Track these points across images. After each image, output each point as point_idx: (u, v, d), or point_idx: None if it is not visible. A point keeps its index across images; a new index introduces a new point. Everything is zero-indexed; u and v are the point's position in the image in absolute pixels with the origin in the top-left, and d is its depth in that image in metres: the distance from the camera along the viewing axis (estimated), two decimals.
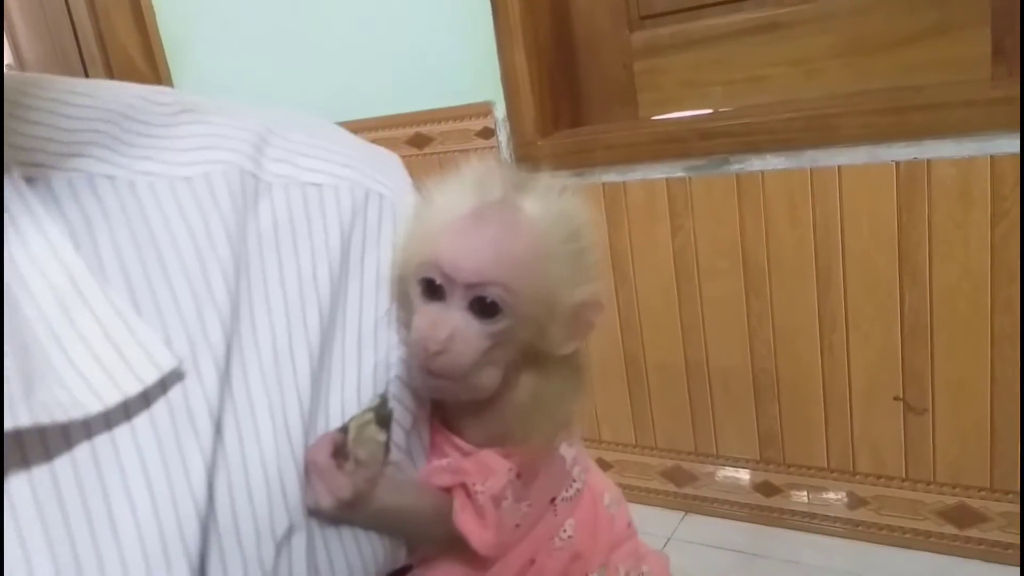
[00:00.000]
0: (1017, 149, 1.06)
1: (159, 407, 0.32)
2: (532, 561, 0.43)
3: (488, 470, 0.40)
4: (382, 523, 0.39)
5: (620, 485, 1.52)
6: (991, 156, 1.07)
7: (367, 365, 0.39)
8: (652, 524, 1.41)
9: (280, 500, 0.35)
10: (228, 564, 0.33)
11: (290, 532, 0.35)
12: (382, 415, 0.39)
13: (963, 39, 1.18)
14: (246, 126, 0.40)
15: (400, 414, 0.40)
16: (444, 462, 0.41)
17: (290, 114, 0.44)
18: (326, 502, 0.35)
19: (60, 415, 0.29)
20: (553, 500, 0.44)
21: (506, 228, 0.38)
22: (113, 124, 0.37)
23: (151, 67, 1.73)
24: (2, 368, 0.29)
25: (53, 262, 0.32)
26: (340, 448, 0.36)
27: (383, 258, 0.41)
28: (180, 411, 0.33)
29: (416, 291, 0.39)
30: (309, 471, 0.36)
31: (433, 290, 0.38)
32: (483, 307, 0.37)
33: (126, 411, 0.32)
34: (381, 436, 0.38)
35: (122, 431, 0.32)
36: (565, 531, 0.44)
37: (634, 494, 1.47)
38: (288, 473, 0.35)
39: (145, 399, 0.32)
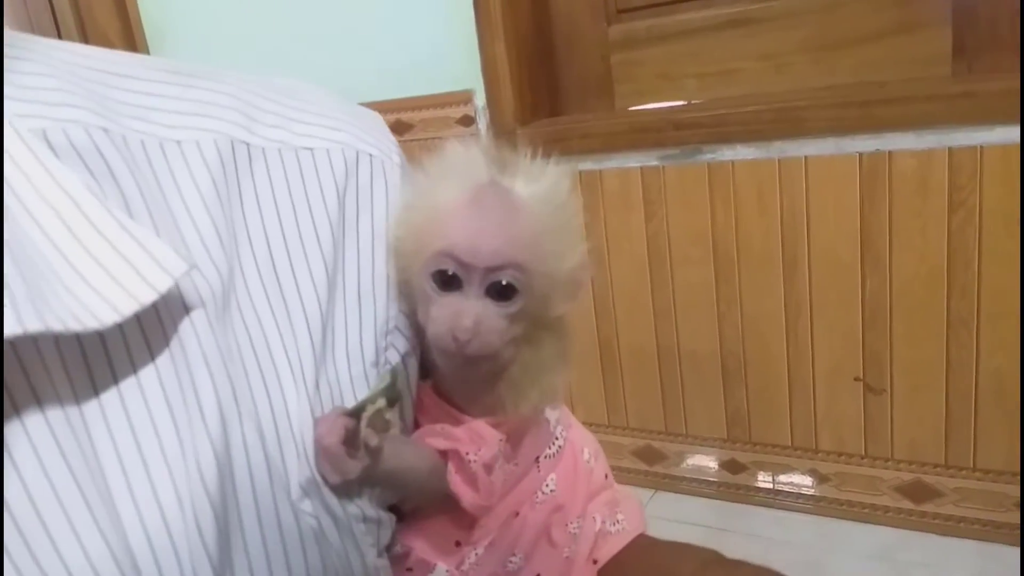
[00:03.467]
0: (975, 142, 1.11)
1: (171, 324, 0.33)
2: (516, 514, 0.46)
3: (480, 439, 0.43)
4: (383, 483, 0.41)
5: None
6: (949, 148, 1.12)
7: (368, 321, 0.41)
8: None
9: (301, 453, 0.36)
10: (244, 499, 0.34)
11: (307, 486, 0.36)
12: (392, 397, 0.40)
13: (925, 37, 1.22)
14: (233, 92, 0.41)
15: (402, 384, 0.42)
16: (438, 427, 0.44)
17: (272, 79, 0.44)
18: (334, 480, 0.37)
19: (74, 325, 0.29)
20: (537, 459, 0.47)
21: (507, 210, 0.39)
22: (100, 84, 0.37)
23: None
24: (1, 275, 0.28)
25: (53, 187, 0.32)
26: (351, 435, 0.37)
27: (377, 216, 0.42)
28: (188, 333, 0.33)
29: (428, 285, 0.40)
30: (319, 451, 0.37)
31: (447, 281, 0.39)
32: (500, 290, 0.39)
33: (141, 327, 0.32)
34: (390, 415, 0.40)
35: (139, 347, 0.32)
36: (547, 486, 0.47)
37: None
38: (298, 427, 0.36)
39: (158, 315, 0.32)
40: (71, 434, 0.30)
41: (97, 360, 0.32)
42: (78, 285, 0.30)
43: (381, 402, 0.39)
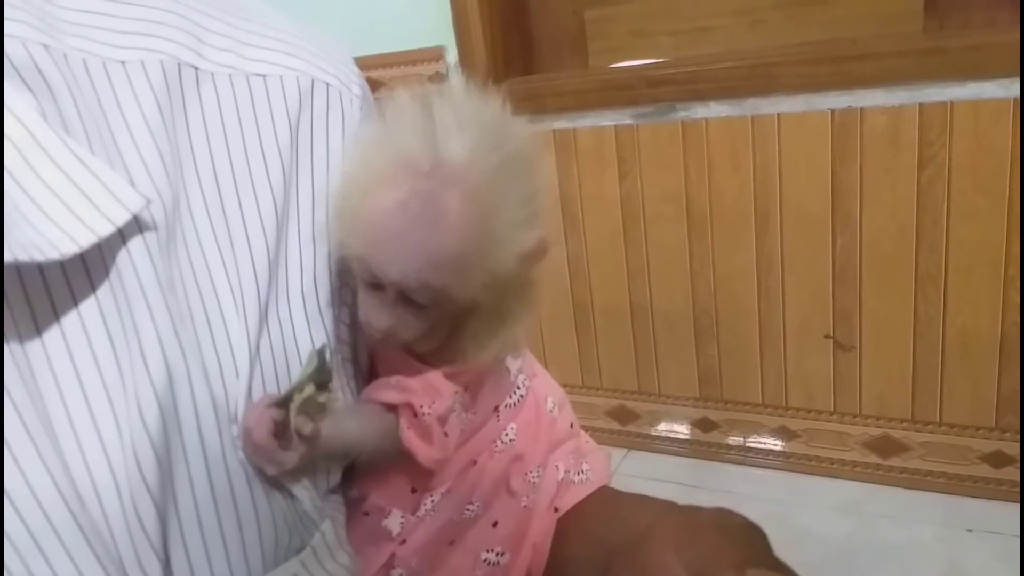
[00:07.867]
0: (945, 98, 1.11)
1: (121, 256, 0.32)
2: (474, 462, 0.46)
3: (435, 392, 0.42)
4: (328, 460, 0.40)
5: None
6: (920, 104, 1.12)
7: (321, 258, 0.40)
8: None
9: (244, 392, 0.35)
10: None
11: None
12: (322, 380, 0.38)
13: None
14: (182, 12, 0.38)
15: (333, 362, 0.40)
16: (392, 379, 0.43)
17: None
18: (272, 472, 0.36)
19: (37, 255, 0.29)
20: (497, 408, 0.47)
21: (434, 222, 0.36)
22: (42, 1, 0.35)
23: None
24: None
25: (8, 116, 0.31)
26: (281, 427, 0.36)
27: (332, 148, 0.41)
28: (128, 270, 0.32)
29: (357, 273, 0.39)
30: (248, 446, 0.35)
31: (371, 280, 0.39)
32: (415, 301, 0.38)
33: (82, 258, 0.31)
34: (322, 398, 0.38)
35: (79, 279, 0.32)
36: (507, 435, 0.47)
37: None
38: (242, 361, 0.35)
39: (99, 246, 0.31)
40: (12, 364, 0.30)
41: (36, 293, 0.31)
42: (37, 217, 0.30)
43: (310, 388, 0.37)
